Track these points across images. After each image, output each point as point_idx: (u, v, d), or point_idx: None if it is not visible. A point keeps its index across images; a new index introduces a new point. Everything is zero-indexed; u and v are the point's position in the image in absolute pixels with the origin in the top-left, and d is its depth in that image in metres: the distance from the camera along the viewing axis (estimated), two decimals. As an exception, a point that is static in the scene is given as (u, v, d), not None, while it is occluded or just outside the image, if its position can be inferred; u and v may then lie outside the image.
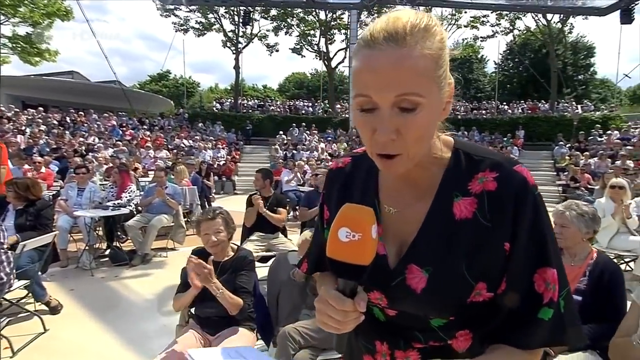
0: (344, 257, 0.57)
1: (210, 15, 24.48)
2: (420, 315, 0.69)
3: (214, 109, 24.05)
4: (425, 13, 0.61)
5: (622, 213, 4.12)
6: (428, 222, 0.68)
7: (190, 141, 15.26)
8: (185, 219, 5.88)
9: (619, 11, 16.16)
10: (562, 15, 21.29)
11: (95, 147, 11.66)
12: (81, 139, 12.29)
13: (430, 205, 0.68)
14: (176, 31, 24.81)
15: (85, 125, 14.70)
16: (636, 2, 15.84)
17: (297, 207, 7.29)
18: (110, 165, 8.82)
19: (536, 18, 22.33)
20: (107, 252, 5.08)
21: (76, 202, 5.05)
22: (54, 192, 6.72)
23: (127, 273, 4.56)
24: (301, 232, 4.83)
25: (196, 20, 24.82)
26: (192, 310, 2.15)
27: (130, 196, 5.30)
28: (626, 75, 17.60)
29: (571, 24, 24.55)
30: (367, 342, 0.76)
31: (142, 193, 5.66)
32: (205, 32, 25.17)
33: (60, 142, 11.42)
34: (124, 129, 15.22)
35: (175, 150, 13.42)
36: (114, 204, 5.10)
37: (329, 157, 14.36)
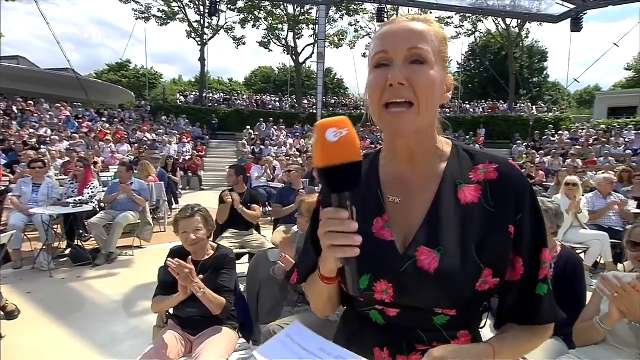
0: (339, 158, 0.57)
1: (174, 4, 23.54)
2: (424, 311, 0.70)
3: (178, 101, 23.24)
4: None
5: (575, 208, 4.43)
6: (435, 206, 0.71)
7: (154, 135, 14.65)
8: (152, 216, 5.66)
9: (569, 20, 17.29)
10: (519, 21, 22.45)
11: (48, 139, 10.91)
12: (32, 131, 11.45)
13: (437, 191, 0.72)
14: (137, 19, 23.68)
15: (36, 115, 13.68)
16: (585, 13, 17.03)
17: (267, 204, 7.21)
18: (67, 159, 8.32)
19: (496, 22, 23.40)
20: (68, 251, 4.79)
21: (31, 199, 4.71)
22: (3, 188, 6.22)
23: (91, 273, 4.32)
24: (274, 229, 4.82)
25: (158, 9, 23.79)
26: (171, 310, 2.07)
27: (92, 192, 5.02)
28: (575, 80, 18.94)
29: (527, 29, 25.98)
30: (365, 351, 0.71)
31: (105, 189, 5.36)
32: (169, 21, 24.19)
33: (6, 134, 10.58)
34: (80, 120, 14.33)
35: (137, 144, 12.83)
36: (75, 200, 4.81)
37: (298, 153, 14.34)
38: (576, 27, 17.25)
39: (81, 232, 5.00)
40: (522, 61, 28.46)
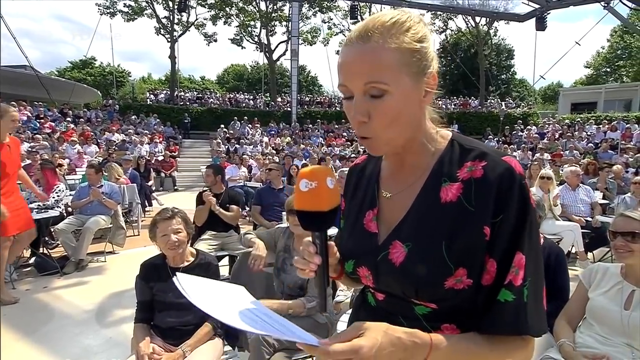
0: (306, 205, 0.67)
1: (141, -1, 22.73)
2: (404, 299, 0.72)
3: (148, 100, 22.45)
4: (405, 12, 0.68)
5: (549, 201, 4.58)
6: (416, 204, 0.73)
7: (123, 135, 14.09)
8: (125, 219, 5.40)
9: (534, 19, 17.98)
10: (487, 19, 23.13)
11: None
12: (-12, 132, 10.72)
13: (420, 189, 0.73)
14: (101, 14, 22.68)
15: (-7, 116, 12.83)
16: (548, 12, 17.76)
17: (246, 204, 7.05)
18: (29, 162, 7.84)
19: (466, 20, 23.99)
20: (32, 260, 4.49)
21: (-10, 205, 4.37)
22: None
23: (59, 283, 4.06)
24: (254, 229, 4.70)
25: (125, 4, 22.88)
26: (151, 322, 1.95)
27: (58, 196, 4.72)
28: (542, 77, 19.69)
29: (496, 27, 26.81)
30: None
31: (72, 192, 5.06)
32: (136, 17, 23.32)
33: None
34: (42, 120, 13.58)
35: (105, 145, 12.29)
36: (39, 205, 4.50)
37: (274, 152, 14.18)
38: (541, 25, 18.00)
39: (47, 239, 4.70)
40: (490, 59, 29.36)
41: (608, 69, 32.34)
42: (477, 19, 23.54)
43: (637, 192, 4.75)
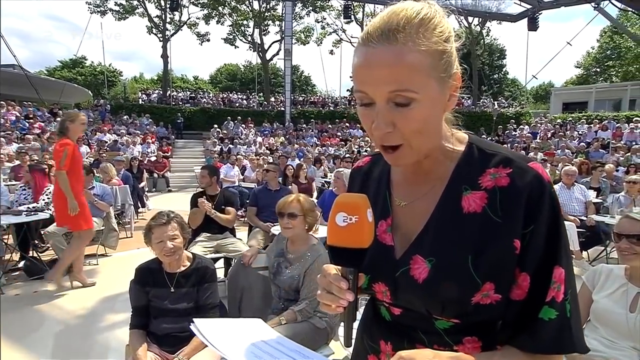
0: (343, 242, 0.60)
1: (132, -2, 22.47)
2: (424, 315, 0.67)
3: (141, 100, 22.19)
4: (428, 3, 0.61)
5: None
6: (436, 214, 0.67)
7: (114, 135, 13.90)
8: (117, 221, 5.31)
9: (526, 19, 18.15)
10: (480, 19, 23.27)
11: (-5, 141, 10.04)
12: (-26, 132, 10.52)
13: (440, 198, 0.68)
14: (91, 13, 22.38)
15: (-21, 116, 12.59)
16: (540, 13, 17.94)
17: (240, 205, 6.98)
18: (18, 163, 7.69)
19: (459, 20, 24.12)
20: (21, 264, 4.38)
21: (-23, 208, 4.25)
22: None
23: (49, 287, 3.96)
24: (249, 231, 4.64)
25: (115, 2, 22.59)
26: (147, 328, 1.89)
27: (49, 198, 4.60)
28: (534, 77, 19.89)
29: (488, 27, 27.00)
30: (373, 341, 0.77)
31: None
32: (127, 15, 23.05)
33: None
34: (31, 121, 13.33)
35: (97, 146, 12.12)
36: (29, 208, 4.40)
37: (269, 152, 14.11)
38: (532, 26, 18.19)
39: (36, 242, 4.59)
40: (483, 58, 29.56)
41: (598, 69, 32.73)
42: (470, 19, 23.68)
43: (631, 191, 4.78)
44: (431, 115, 0.61)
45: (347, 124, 18.93)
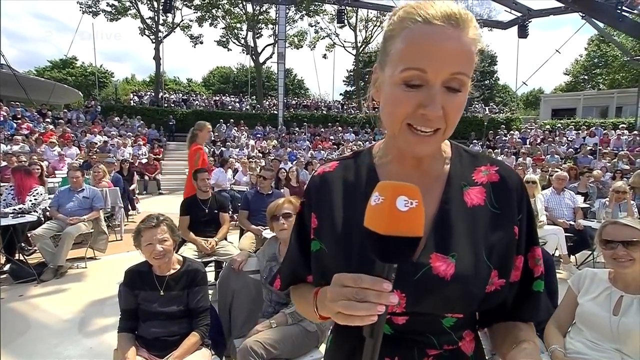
0: (404, 230, 0.52)
1: (125, -1, 22.32)
2: (434, 315, 0.68)
3: (132, 102, 22.00)
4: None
5: (535, 206, 4.65)
6: (442, 210, 0.69)
7: (105, 137, 13.75)
8: (107, 224, 5.24)
9: (517, 26, 18.45)
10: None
11: (-18, 142, 9.88)
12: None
13: (443, 194, 0.70)
14: (83, 13, 22.16)
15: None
16: (530, 20, 18.25)
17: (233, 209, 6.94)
18: (4, 164, 7.58)
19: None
20: (7, 267, 4.30)
21: (-38, 210, 4.18)
22: None
23: (36, 291, 3.90)
24: (241, 234, 4.62)
25: (108, 3, 22.43)
26: (135, 331, 1.87)
27: (36, 199, 4.54)
28: (524, 83, 20.20)
29: (480, 34, 27.31)
30: None
31: (51, 196, 4.88)
32: (119, 16, 22.88)
33: None
34: (19, 121, 13.13)
35: (87, 147, 11.97)
36: (15, 209, 4.32)
37: (261, 155, 14.08)
38: (522, 33, 18.47)
39: (23, 245, 4.52)
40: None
41: (586, 77, 33.36)
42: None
43: (619, 200, 4.78)
44: (464, 106, 0.63)
45: (339, 128, 18.98)
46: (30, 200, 4.52)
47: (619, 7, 13.11)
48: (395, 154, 0.74)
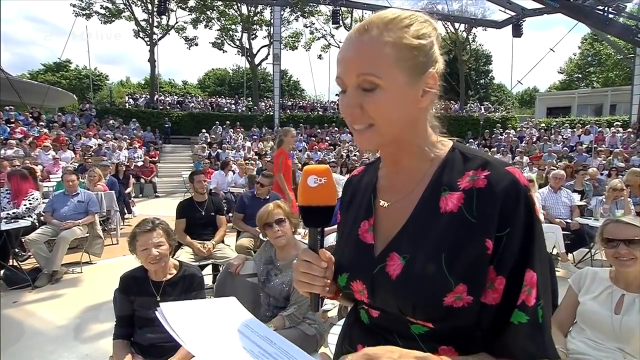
0: (315, 200, 0.71)
1: (119, 1, 22.19)
2: (400, 317, 0.67)
3: (127, 104, 21.88)
4: (410, 11, 0.67)
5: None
6: (415, 213, 0.70)
7: (100, 140, 13.66)
8: (103, 228, 5.19)
9: (511, 25, 18.54)
10: (466, 25, 23.68)
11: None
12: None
13: (419, 198, 0.70)
14: (76, 16, 22.01)
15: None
16: (524, 20, 18.35)
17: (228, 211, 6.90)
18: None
19: (446, 25, 24.49)
20: (1, 273, 4.24)
21: (-46, 215, 4.12)
22: None
23: (30, 297, 3.84)
24: (237, 236, 4.57)
25: (101, 5, 22.30)
26: (131, 338, 1.84)
27: (31, 204, 4.48)
28: (519, 82, 20.28)
29: (474, 33, 27.46)
30: (351, 346, 0.77)
31: (45, 201, 4.82)
32: (113, 19, 22.75)
33: None
34: (13, 125, 13.01)
35: (82, 151, 11.88)
36: (8, 214, 4.27)
37: (257, 157, 14.03)
38: (517, 32, 18.58)
39: (17, 250, 4.46)
40: (470, 64, 30.04)
41: (580, 75, 33.59)
42: (457, 25, 24.06)
43: (616, 198, 4.78)
44: (398, 105, 0.65)
45: (336, 129, 18.97)
46: (25, 205, 4.47)
47: (605, 12, 13.24)
48: (382, 159, 0.81)
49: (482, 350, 0.65)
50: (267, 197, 4.28)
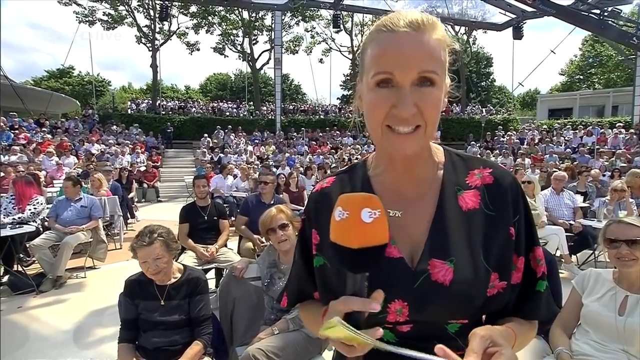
0: (372, 240, 0.56)
1: (121, 8, 22.37)
2: (438, 322, 0.68)
3: (129, 110, 22.00)
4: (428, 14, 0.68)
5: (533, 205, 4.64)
6: (438, 216, 0.69)
7: (103, 145, 13.73)
8: (106, 232, 5.21)
9: (511, 28, 18.55)
10: (467, 28, 23.75)
11: (-21, 153, 9.84)
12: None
13: (438, 199, 0.71)
14: (79, 22, 22.21)
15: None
16: (524, 22, 18.36)
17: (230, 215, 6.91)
18: (2, 174, 7.55)
19: (446, 28, 24.58)
20: (5, 279, 4.26)
21: (-41, 221, 4.14)
22: None
23: (34, 302, 3.86)
24: (240, 242, 4.56)
25: (104, 12, 22.50)
26: (136, 341, 1.85)
27: (35, 209, 4.50)
28: (520, 84, 20.31)
29: (475, 36, 27.53)
30: None
31: (49, 206, 4.85)
32: (116, 25, 22.94)
33: None
34: (17, 131, 13.10)
35: (85, 156, 11.95)
36: (14, 219, 4.29)
37: (259, 161, 14.07)
38: (517, 34, 18.57)
39: (21, 255, 4.48)
40: (470, 66, 30.08)
41: (581, 76, 33.56)
42: (457, 27, 24.13)
43: (619, 199, 4.77)
44: (441, 104, 0.65)
45: (337, 132, 19.00)
46: (30, 209, 4.49)
47: (602, 17, 13.26)
48: (386, 163, 0.75)
49: (524, 313, 0.74)
50: (272, 201, 4.25)
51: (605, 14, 13.34)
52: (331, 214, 0.69)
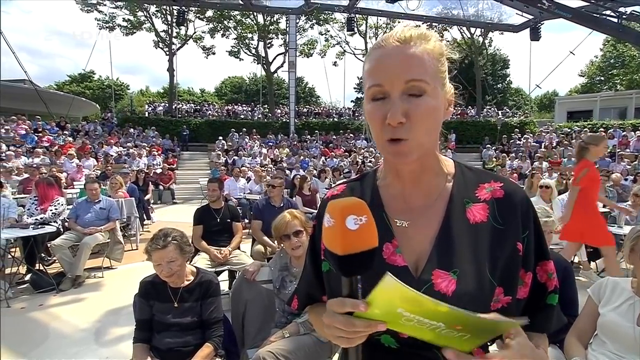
0: (358, 246, 0.56)
1: (140, 14, 22.91)
2: None
3: (147, 113, 22.47)
4: (427, 27, 0.72)
5: (552, 211, 4.54)
6: (445, 227, 0.70)
7: (121, 148, 14.06)
8: (123, 233, 5.34)
9: (529, 29, 18.22)
10: (482, 30, 23.42)
11: (4, 154, 10.18)
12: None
13: (446, 211, 0.71)
14: (100, 28, 22.82)
15: (-10, 130, 12.80)
16: (542, 23, 18.01)
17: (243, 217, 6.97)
18: (26, 176, 7.82)
19: (461, 31, 24.29)
20: (28, 277, 4.41)
21: (-16, 221, 4.30)
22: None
23: (55, 300, 3.98)
24: (252, 245, 4.61)
25: (123, 18, 23.07)
26: (150, 342, 1.89)
27: (56, 209, 4.65)
28: (537, 86, 19.92)
29: (491, 38, 27.13)
30: None
31: (70, 207, 5.00)
32: (135, 31, 23.49)
33: (-42, 151, 9.82)
34: (40, 134, 13.54)
35: (104, 159, 12.25)
36: (36, 220, 4.44)
37: (273, 163, 14.17)
38: (535, 36, 18.21)
39: (43, 255, 4.63)
40: (486, 69, 29.65)
41: (602, 78, 32.67)
42: (472, 29, 23.82)
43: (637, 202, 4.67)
44: (435, 115, 0.67)
45: (351, 135, 18.98)
46: (52, 210, 4.65)
47: (619, 20, 12.89)
48: (393, 174, 0.77)
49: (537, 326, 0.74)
50: (281, 204, 4.28)
51: (624, 17, 12.96)
52: None
